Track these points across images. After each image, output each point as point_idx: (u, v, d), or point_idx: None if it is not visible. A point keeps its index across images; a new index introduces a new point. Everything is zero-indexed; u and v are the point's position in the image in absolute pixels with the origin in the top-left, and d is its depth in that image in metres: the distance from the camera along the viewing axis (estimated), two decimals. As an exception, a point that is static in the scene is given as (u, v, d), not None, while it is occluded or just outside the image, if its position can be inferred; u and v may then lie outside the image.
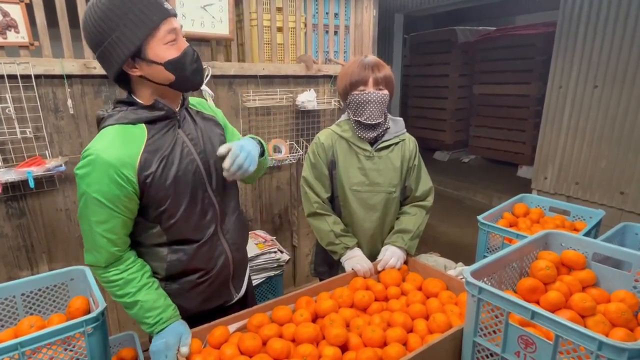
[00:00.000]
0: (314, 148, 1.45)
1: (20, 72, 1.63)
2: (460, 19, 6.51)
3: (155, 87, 0.97)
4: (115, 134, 0.94)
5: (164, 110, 0.99)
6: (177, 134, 1.02)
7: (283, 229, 2.63)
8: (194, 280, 1.10)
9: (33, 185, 1.65)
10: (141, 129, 0.97)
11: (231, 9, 2.03)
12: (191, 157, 1.03)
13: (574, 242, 1.08)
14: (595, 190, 3.02)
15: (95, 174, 0.90)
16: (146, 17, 0.87)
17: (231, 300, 1.22)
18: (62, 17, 1.71)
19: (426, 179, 1.51)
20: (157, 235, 1.03)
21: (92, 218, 0.94)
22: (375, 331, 1.02)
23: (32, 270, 1.86)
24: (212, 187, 1.08)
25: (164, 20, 0.89)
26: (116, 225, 0.95)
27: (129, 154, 0.93)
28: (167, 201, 0.99)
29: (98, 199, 0.91)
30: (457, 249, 3.56)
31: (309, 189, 1.44)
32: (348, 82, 1.37)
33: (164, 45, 0.91)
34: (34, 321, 0.97)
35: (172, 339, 0.97)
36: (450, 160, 6.25)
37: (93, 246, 0.97)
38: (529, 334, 0.80)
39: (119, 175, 0.91)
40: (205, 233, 1.08)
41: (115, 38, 0.87)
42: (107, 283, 1.00)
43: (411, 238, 1.42)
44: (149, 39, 0.89)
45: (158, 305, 1.00)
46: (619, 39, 2.75)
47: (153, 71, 0.93)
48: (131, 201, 0.96)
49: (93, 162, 0.90)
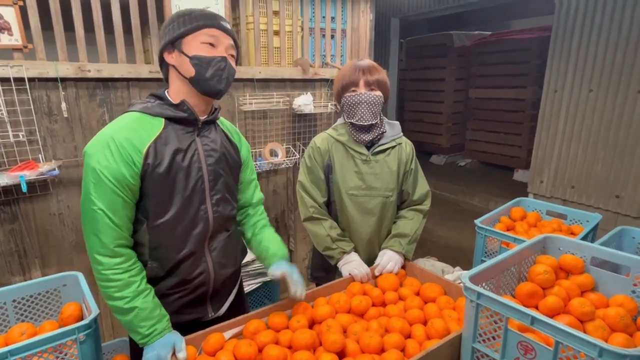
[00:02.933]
0: (310, 152, 1.44)
1: (14, 75, 1.61)
2: (456, 24, 6.55)
3: (183, 81, 1.02)
4: (132, 119, 0.99)
5: (187, 113, 1.02)
6: (193, 140, 1.04)
7: (280, 233, 2.58)
8: (166, 288, 1.07)
9: (26, 190, 1.63)
10: (159, 122, 1.01)
11: (227, 12, 2.03)
12: (199, 165, 1.04)
13: (572, 247, 1.08)
14: (591, 194, 3.03)
15: (106, 152, 0.93)
16: (196, 20, 1.00)
17: (205, 319, 1.16)
18: (56, 19, 1.70)
19: (423, 183, 1.50)
20: (142, 234, 1.01)
21: (97, 201, 0.93)
22: (372, 337, 1.01)
23: (25, 275, 1.83)
24: (212, 200, 1.08)
25: (211, 27, 1.00)
26: (120, 206, 0.95)
27: (139, 138, 0.96)
28: (159, 194, 0.99)
29: (105, 175, 0.93)
30: (454, 253, 3.56)
31: (305, 194, 1.43)
32: (340, 85, 1.38)
33: (200, 44, 0.99)
34: (25, 328, 0.95)
35: (164, 351, 0.94)
36: (446, 164, 6.26)
37: (96, 228, 0.94)
38: (529, 340, 0.79)
39: (126, 155, 0.94)
40: (190, 246, 1.05)
41: (170, 28, 1.01)
42: (105, 282, 0.95)
43: (409, 242, 1.41)
44: (189, 35, 0.99)
45: (154, 315, 0.97)
46: (613, 44, 2.78)
47: (181, 62, 1.00)
48: (135, 184, 0.97)
49: (103, 140, 0.94)
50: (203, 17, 1.01)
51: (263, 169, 2.35)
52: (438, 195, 5.12)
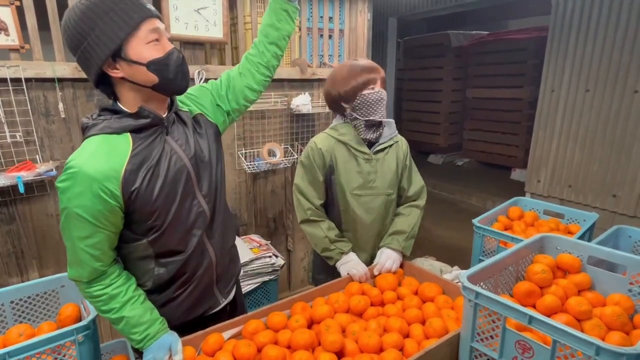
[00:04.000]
0: (309, 153, 1.42)
1: (10, 76, 1.61)
2: (453, 23, 6.55)
3: (139, 90, 0.92)
4: (98, 145, 0.89)
5: (149, 118, 0.93)
6: (164, 141, 0.97)
7: (278, 233, 2.62)
8: (176, 288, 1.06)
9: (23, 190, 1.62)
10: (126, 139, 0.91)
11: (225, 12, 2.02)
12: (181, 163, 0.98)
13: (569, 246, 1.08)
14: (587, 193, 3.04)
15: (77, 188, 0.85)
16: (127, 16, 0.84)
17: (217, 306, 1.17)
18: (53, 19, 1.69)
19: (417, 178, 1.52)
20: (143, 249, 0.99)
21: (74, 233, 0.89)
22: (371, 337, 1.01)
23: (22, 277, 1.82)
24: (202, 192, 1.04)
25: (145, 19, 0.87)
26: (100, 240, 0.91)
27: (113, 167, 0.88)
28: (153, 215, 0.95)
29: (80, 215, 0.87)
30: (452, 252, 3.57)
31: (301, 196, 1.42)
32: (357, 83, 1.34)
33: (146, 45, 0.87)
34: (23, 330, 0.95)
35: (161, 353, 0.95)
36: (444, 163, 6.27)
37: (76, 261, 0.92)
38: (527, 339, 0.80)
39: (102, 190, 0.87)
40: (192, 242, 1.04)
41: (95, 37, 0.84)
42: (90, 298, 0.96)
43: (406, 239, 1.42)
44: (130, 38, 0.86)
45: (144, 320, 0.97)
46: (610, 44, 2.79)
47: (135, 72, 0.88)
48: (115, 216, 0.91)
49: (75, 176, 0.85)
50: (132, 9, 0.85)
51: (261, 169, 2.35)
52: (436, 194, 5.13)
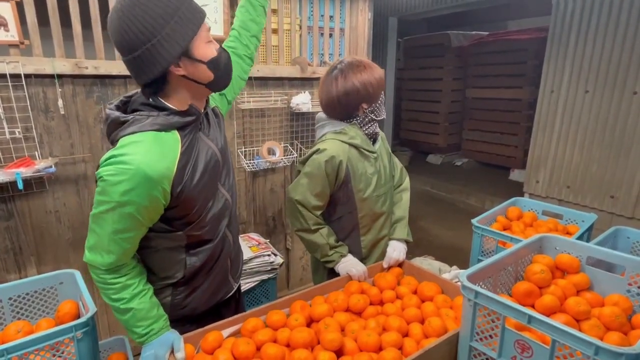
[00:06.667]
0: (320, 162, 1.30)
1: (10, 72, 1.60)
2: (453, 24, 6.56)
3: (194, 88, 0.93)
4: (151, 143, 0.87)
5: (195, 115, 0.95)
6: (199, 136, 0.99)
7: (277, 232, 2.62)
8: (203, 276, 1.10)
9: (22, 187, 1.62)
10: (174, 137, 0.92)
11: (226, 10, 2.02)
12: (215, 157, 1.02)
13: (568, 246, 1.08)
14: (586, 194, 3.05)
15: (130, 185, 0.84)
16: (192, 15, 0.86)
17: (231, 291, 1.22)
18: (53, 15, 1.68)
19: (397, 162, 1.58)
20: (178, 240, 1.01)
21: (114, 226, 0.88)
22: (370, 335, 1.01)
23: (20, 273, 1.82)
24: (225, 182, 1.08)
25: (204, 19, 0.90)
26: (136, 234, 0.93)
27: (167, 166, 0.89)
28: (194, 209, 0.98)
29: (128, 211, 0.87)
30: (451, 252, 3.57)
31: (303, 208, 1.35)
32: (379, 86, 1.35)
33: (205, 44, 0.90)
34: (21, 326, 0.95)
35: (162, 350, 0.95)
36: (443, 163, 6.28)
37: (103, 248, 0.91)
38: (526, 339, 0.80)
39: (158, 190, 0.88)
40: (220, 230, 1.08)
41: (165, 35, 0.83)
42: (103, 284, 0.95)
43: (405, 225, 1.47)
44: (195, 38, 0.87)
45: (151, 315, 0.97)
46: (609, 45, 2.80)
47: (196, 70, 0.90)
48: (158, 212, 0.93)
49: (128, 172, 0.83)
50: (195, 8, 0.88)
51: (260, 168, 2.35)
52: (434, 194, 5.14)
